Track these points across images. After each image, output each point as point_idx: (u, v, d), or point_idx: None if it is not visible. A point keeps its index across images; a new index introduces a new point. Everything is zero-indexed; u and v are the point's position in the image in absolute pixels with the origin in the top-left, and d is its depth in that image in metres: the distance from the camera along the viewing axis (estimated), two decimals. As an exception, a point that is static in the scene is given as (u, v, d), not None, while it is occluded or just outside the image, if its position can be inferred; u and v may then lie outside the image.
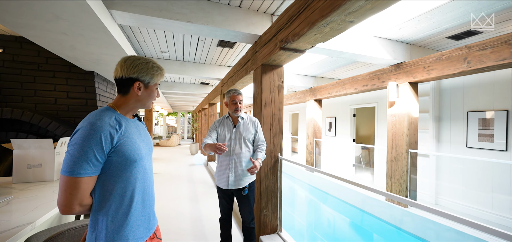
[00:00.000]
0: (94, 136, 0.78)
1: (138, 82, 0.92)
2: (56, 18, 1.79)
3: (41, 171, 1.96)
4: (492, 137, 3.54)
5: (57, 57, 3.20)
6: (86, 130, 0.78)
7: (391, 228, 3.56)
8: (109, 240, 0.83)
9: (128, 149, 0.86)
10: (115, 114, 0.88)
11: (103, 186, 0.84)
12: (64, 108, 3.31)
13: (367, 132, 8.46)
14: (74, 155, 0.76)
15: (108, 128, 0.81)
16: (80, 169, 0.76)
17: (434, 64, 3.10)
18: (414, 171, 3.59)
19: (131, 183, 0.88)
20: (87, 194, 0.80)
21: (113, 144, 0.82)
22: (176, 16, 2.22)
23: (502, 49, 2.45)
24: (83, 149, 0.76)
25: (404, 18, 2.76)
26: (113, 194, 0.85)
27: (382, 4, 1.25)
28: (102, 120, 0.81)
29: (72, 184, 0.76)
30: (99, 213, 0.83)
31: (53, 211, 1.43)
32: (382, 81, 3.91)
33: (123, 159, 0.85)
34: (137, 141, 0.92)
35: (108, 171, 0.83)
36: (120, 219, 0.85)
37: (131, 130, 0.91)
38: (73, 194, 0.76)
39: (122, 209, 0.86)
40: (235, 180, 1.89)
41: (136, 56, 0.94)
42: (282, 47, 1.99)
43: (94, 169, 0.79)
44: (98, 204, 0.84)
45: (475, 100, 3.78)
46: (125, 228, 0.86)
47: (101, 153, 0.79)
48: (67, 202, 0.77)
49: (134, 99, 0.93)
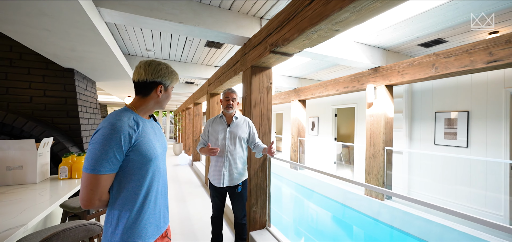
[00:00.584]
0: (114, 136, 0.82)
1: (161, 86, 0.99)
2: (40, 14, 1.72)
3: (22, 174, 1.87)
4: (456, 135, 3.96)
5: (32, 52, 3.01)
6: (107, 130, 0.83)
7: (370, 219, 3.84)
8: (124, 235, 0.87)
9: (145, 148, 0.91)
10: (133, 114, 0.92)
11: (120, 183, 0.88)
12: (40, 107, 3.12)
13: (347, 131, 8.89)
14: (96, 154, 0.81)
15: (127, 128, 0.86)
16: (100, 167, 0.81)
17: (407, 69, 3.40)
18: (389, 167, 3.89)
19: (146, 181, 0.92)
20: (106, 190, 0.86)
21: (131, 144, 0.87)
22: (167, 16, 2.23)
23: (463, 57, 2.77)
24: (104, 148, 0.81)
25: (381, 25, 3.00)
26: (129, 191, 0.89)
27: (366, 16, 1.39)
28: (121, 121, 0.86)
29: (93, 181, 0.81)
30: (115, 209, 0.88)
31: (43, 213, 1.39)
32: (361, 83, 4.18)
33: (140, 157, 0.89)
34: (153, 140, 0.96)
35: (125, 169, 0.88)
36: (135, 216, 0.89)
37: (147, 130, 0.95)
38: (94, 190, 0.82)
39: (136, 206, 0.90)
40: (229, 178, 1.93)
41: (155, 60, 1.00)
42: (272, 51, 2.09)
43: (113, 167, 0.84)
44: (114, 200, 0.89)
45: (442, 102, 4.19)
46: (138, 225, 0.90)
47: (120, 152, 0.84)
48: (88, 197, 0.82)
49: (154, 101, 0.99)
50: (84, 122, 3.47)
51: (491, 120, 3.56)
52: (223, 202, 2.05)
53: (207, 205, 3.68)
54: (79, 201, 0.88)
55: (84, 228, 1.35)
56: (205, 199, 4.01)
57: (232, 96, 1.98)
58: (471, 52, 2.70)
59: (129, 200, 0.89)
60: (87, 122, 3.60)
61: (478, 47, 2.64)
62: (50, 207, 1.50)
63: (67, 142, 3.06)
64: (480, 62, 2.62)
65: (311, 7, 1.56)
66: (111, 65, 3.29)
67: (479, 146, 3.68)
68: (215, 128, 1.99)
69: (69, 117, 3.26)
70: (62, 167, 2.10)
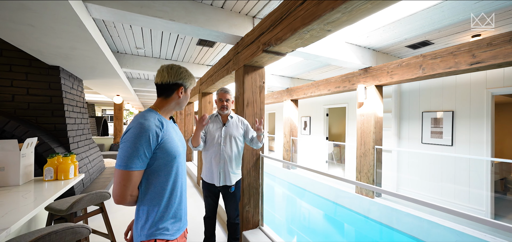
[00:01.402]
0: (144, 134, 0.89)
1: (182, 87, 1.06)
2: (23, 8, 1.65)
3: (3, 175, 1.78)
4: (441, 134, 4.10)
5: (14, 48, 2.87)
6: (137, 130, 0.89)
7: (360, 217, 3.92)
8: (152, 230, 0.93)
9: (170, 146, 0.97)
10: (157, 115, 0.99)
11: (148, 180, 0.94)
12: (23, 106, 2.99)
13: (338, 131, 9.04)
14: (128, 151, 0.87)
15: (154, 127, 0.92)
16: (132, 164, 0.87)
17: (396, 69, 3.49)
18: (379, 165, 3.99)
19: (171, 177, 0.98)
20: (136, 186, 0.92)
21: (158, 142, 0.93)
22: (158, 13, 2.18)
23: (448, 59, 2.87)
24: (135, 146, 0.87)
25: (371, 27, 3.07)
26: (156, 187, 0.95)
27: (357, 17, 1.42)
28: (149, 120, 0.92)
29: (125, 177, 0.87)
30: (145, 204, 0.95)
31: (27, 216, 1.33)
32: (352, 83, 4.26)
33: (166, 155, 0.95)
34: (175, 139, 1.02)
35: (153, 166, 0.94)
36: (162, 210, 0.96)
37: (170, 130, 1.01)
38: (127, 186, 0.88)
39: (164, 201, 0.96)
40: (224, 177, 1.93)
41: (175, 64, 1.07)
42: (265, 50, 2.09)
43: (142, 163, 0.90)
44: (143, 196, 0.95)
45: (428, 102, 4.33)
46: (166, 219, 0.96)
47: (149, 149, 0.90)
48: (121, 192, 0.88)
49: (175, 102, 1.06)
50: (70, 122, 3.35)
51: (474, 120, 3.71)
52: (217, 202, 2.04)
53: (200, 206, 3.64)
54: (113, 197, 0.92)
55: (71, 231, 1.30)
56: (197, 199, 3.97)
57: (226, 97, 1.97)
58: (455, 54, 2.81)
59: (157, 196, 0.95)
60: (73, 122, 3.49)
61: (462, 49, 2.75)
62: (34, 210, 1.44)
63: (52, 143, 2.95)
64: (464, 63, 2.72)
65: (304, 7, 1.57)
66: (99, 63, 3.20)
67: (463, 144, 3.83)
68: (211, 127, 1.98)
69: (54, 116, 3.14)
70: (47, 168, 2.01)
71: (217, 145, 1.93)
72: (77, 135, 3.57)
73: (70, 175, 2.12)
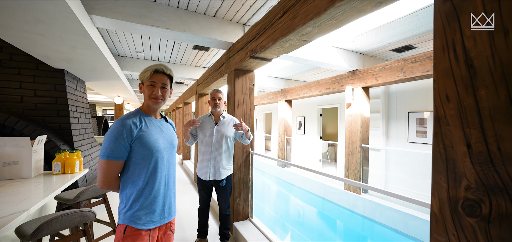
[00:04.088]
0: (120, 130, 1.02)
1: (140, 83, 1.17)
2: (36, 21, 1.87)
3: (18, 169, 2.01)
4: (426, 133, 4.31)
5: (22, 53, 3.09)
6: (115, 126, 1.03)
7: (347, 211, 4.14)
8: (127, 216, 1.05)
9: (147, 141, 1.07)
10: (140, 113, 1.11)
11: (127, 170, 1.06)
12: (31, 106, 3.22)
13: (332, 130, 9.25)
14: (106, 144, 1.01)
15: (130, 124, 1.04)
16: (109, 154, 1.00)
17: (380, 72, 3.70)
18: (366, 163, 4.20)
19: (148, 171, 1.07)
20: (115, 175, 1.05)
21: (133, 137, 1.04)
22: (155, 23, 2.41)
23: (426, 63, 3.09)
24: (112, 139, 1.01)
25: (356, 32, 3.29)
26: (132, 178, 1.06)
27: (326, 30, 1.63)
28: (128, 118, 1.05)
29: (104, 166, 1.01)
30: (123, 191, 1.07)
31: (41, 202, 1.56)
32: (341, 85, 4.48)
33: (142, 149, 1.06)
34: (156, 136, 1.11)
35: (131, 158, 1.06)
36: (135, 200, 1.05)
37: (151, 127, 1.11)
38: (105, 173, 1.02)
39: (137, 192, 1.06)
40: (215, 172, 2.11)
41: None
42: (252, 56, 2.31)
43: (120, 155, 1.02)
44: (123, 185, 1.07)
45: (414, 102, 4.54)
46: (138, 210, 1.06)
47: (124, 142, 1.02)
48: (101, 179, 1.03)
49: (145, 98, 1.15)
50: (74, 121, 3.58)
51: (455, 119, 3.92)
52: (209, 195, 2.25)
53: (196, 201, 3.86)
54: (97, 182, 1.10)
55: (79, 214, 1.53)
56: (193, 196, 4.19)
57: (218, 96, 2.15)
58: (432, 58, 3.02)
59: (132, 185, 1.06)
60: (77, 121, 3.71)
61: (437, 54, 2.96)
62: (46, 198, 1.66)
63: (58, 141, 3.17)
64: (439, 67, 2.93)
65: (282, 20, 1.79)
66: (101, 66, 3.42)
67: (445, 143, 4.04)
68: (203, 126, 2.16)
69: (59, 116, 3.36)
70: (55, 163, 2.24)
71: (209, 142, 2.12)
72: (80, 134, 3.80)
73: (75, 169, 2.35)
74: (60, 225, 1.41)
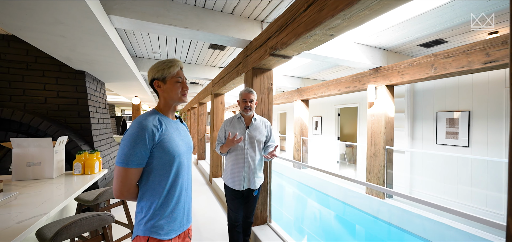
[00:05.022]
0: (141, 134, 0.92)
1: (156, 81, 1.05)
2: (57, 22, 1.87)
3: (40, 169, 2.03)
4: (457, 134, 3.98)
5: (46, 55, 3.19)
6: (135, 129, 0.93)
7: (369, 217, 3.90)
8: (148, 227, 0.96)
9: (168, 146, 0.98)
10: (158, 115, 1.02)
11: (147, 177, 0.98)
12: (54, 107, 3.31)
13: (350, 131, 8.91)
14: (125, 149, 0.91)
15: (152, 127, 0.95)
16: (129, 161, 0.91)
17: (407, 69, 3.44)
18: (390, 166, 3.94)
19: (170, 176, 1.00)
20: (134, 183, 0.96)
21: (155, 141, 0.95)
22: (172, 21, 2.36)
23: (461, 58, 2.81)
24: (132, 144, 0.91)
25: (380, 27, 3.07)
26: (154, 185, 0.98)
27: (357, 22, 1.48)
28: (147, 120, 0.96)
29: (122, 174, 0.92)
30: (143, 201, 0.98)
31: (61, 204, 1.54)
32: (362, 83, 4.24)
33: (164, 154, 0.97)
34: (176, 139, 1.04)
35: (151, 164, 0.97)
36: (159, 209, 0.97)
37: (171, 129, 1.03)
38: (123, 182, 0.93)
39: (161, 200, 0.98)
40: (249, 181, 1.87)
41: (158, 61, 1.07)
42: (272, 53, 2.19)
43: (139, 162, 0.93)
44: (142, 194, 0.98)
45: (443, 101, 4.20)
46: (161, 218, 0.98)
47: (145, 148, 0.93)
48: (119, 188, 0.93)
49: (163, 97, 1.06)
50: (94, 122, 3.65)
51: (492, 120, 3.57)
52: (242, 203, 1.95)
53: (212, 202, 3.81)
54: (113, 192, 0.98)
55: (98, 218, 1.49)
56: (209, 197, 4.14)
57: (250, 97, 1.86)
58: (468, 53, 2.74)
59: (154, 194, 0.97)
60: (97, 122, 3.78)
61: (475, 48, 2.68)
62: (66, 200, 1.64)
63: (78, 141, 3.23)
64: (477, 62, 2.66)
65: (306, 13, 1.66)
66: (120, 67, 3.45)
67: (480, 145, 3.70)
68: (233, 130, 1.88)
69: (80, 117, 3.44)
70: (76, 164, 2.25)
71: (240, 149, 1.87)
72: (100, 134, 3.87)
73: (95, 170, 2.35)
74: (79, 229, 1.37)
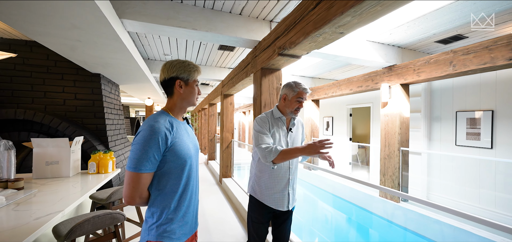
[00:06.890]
0: (154, 137, 0.88)
1: (179, 80, 1.00)
2: (73, 27, 1.95)
3: (58, 168, 2.12)
4: (479, 135, 3.75)
5: (65, 60, 3.35)
6: (147, 132, 0.89)
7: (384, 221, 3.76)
8: (159, 232, 0.93)
9: (180, 149, 0.96)
10: (168, 116, 0.98)
11: (158, 182, 0.94)
12: (72, 109, 3.46)
13: (363, 131, 8.66)
14: (137, 153, 0.87)
15: (164, 130, 0.91)
16: (141, 166, 0.87)
17: (423, 67, 3.29)
18: (405, 168, 3.78)
19: (182, 180, 0.98)
20: (145, 188, 0.92)
21: (168, 145, 0.92)
22: (182, 24, 2.39)
23: (483, 54, 2.65)
24: (144, 148, 0.87)
25: (394, 24, 2.95)
26: (166, 189, 0.95)
27: (368, 19, 1.43)
28: (159, 123, 0.91)
29: (135, 179, 0.88)
30: (154, 206, 0.95)
31: (76, 202, 1.59)
32: (375, 82, 4.11)
33: (176, 158, 0.94)
34: (187, 141, 1.01)
35: (163, 169, 0.94)
36: (171, 214, 0.95)
37: (181, 132, 1.00)
38: (136, 187, 0.89)
39: (173, 204, 0.96)
40: (293, 197, 1.54)
41: (175, 60, 1.03)
42: (280, 53, 2.16)
43: (152, 166, 0.90)
44: (154, 198, 0.95)
45: (463, 100, 3.98)
46: (173, 223, 0.95)
47: (158, 152, 0.90)
48: (130, 193, 0.89)
49: (179, 98, 1.02)
50: (109, 123, 3.78)
51: (518, 120, 3.34)
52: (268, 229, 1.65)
53: (221, 203, 3.83)
54: (123, 198, 0.96)
55: (110, 216, 1.53)
56: (219, 197, 4.17)
57: (305, 97, 1.50)
58: (491, 49, 2.58)
59: (166, 199, 0.95)
60: (111, 123, 3.92)
61: (499, 43, 2.51)
62: (81, 198, 1.70)
63: (94, 141, 3.36)
64: (501, 58, 2.49)
65: (315, 11, 1.62)
66: (133, 69, 3.56)
67: (505, 147, 3.46)
68: (276, 130, 1.50)
69: (96, 118, 3.57)
70: (91, 163, 2.34)
71: None
72: (115, 135, 4.01)
73: (109, 169, 2.43)
74: (91, 226, 1.42)
